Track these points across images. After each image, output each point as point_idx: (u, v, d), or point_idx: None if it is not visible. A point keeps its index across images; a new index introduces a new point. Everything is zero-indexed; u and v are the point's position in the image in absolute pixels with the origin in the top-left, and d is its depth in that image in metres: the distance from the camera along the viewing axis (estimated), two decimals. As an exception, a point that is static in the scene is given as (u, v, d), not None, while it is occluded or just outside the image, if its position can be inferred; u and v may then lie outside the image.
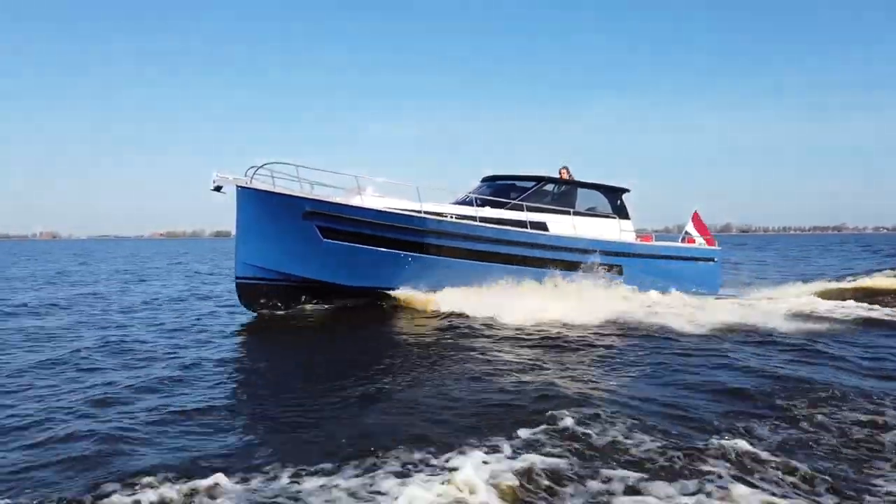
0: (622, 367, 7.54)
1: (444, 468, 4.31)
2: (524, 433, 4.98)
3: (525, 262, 13.06)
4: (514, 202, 13.55)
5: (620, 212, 15.00)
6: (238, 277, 11.69)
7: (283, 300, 12.01)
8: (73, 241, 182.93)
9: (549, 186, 14.27)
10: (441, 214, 12.48)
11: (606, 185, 14.96)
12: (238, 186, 11.14)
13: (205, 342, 9.34)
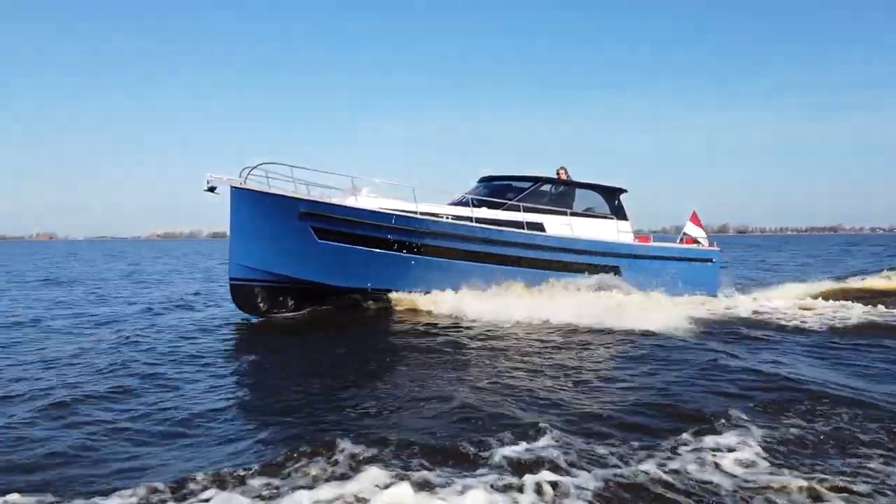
0: (613, 369, 7.45)
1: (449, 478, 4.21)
2: (516, 443, 4.88)
3: (522, 264, 12.96)
4: (511, 203, 13.46)
5: (618, 212, 14.91)
6: (232, 279, 11.56)
7: (278, 301, 11.89)
8: (70, 242, 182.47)
9: (547, 187, 14.17)
10: (437, 215, 12.39)
11: (604, 186, 14.87)
12: (232, 187, 11.02)
13: (198, 343, 9.22)
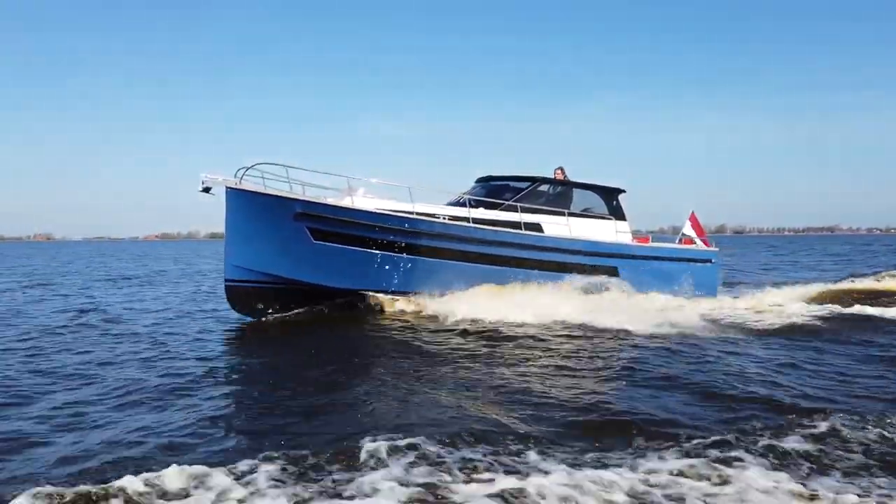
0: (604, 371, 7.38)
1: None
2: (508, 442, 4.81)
3: (518, 264, 12.87)
4: (509, 203, 13.37)
5: (616, 212, 14.84)
6: (227, 280, 11.49)
7: (273, 303, 11.79)
8: (68, 243, 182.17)
9: (544, 187, 14.09)
10: (433, 216, 12.30)
11: (602, 186, 14.79)
12: (227, 188, 10.94)
13: (193, 345, 9.13)
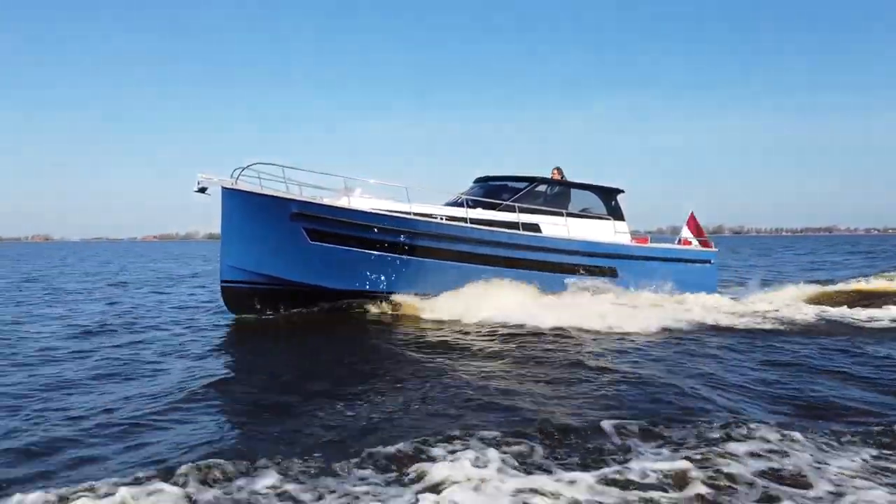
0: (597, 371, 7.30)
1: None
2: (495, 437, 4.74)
3: (516, 265, 12.79)
4: (506, 203, 13.30)
5: (615, 213, 14.77)
6: (223, 281, 11.40)
7: (269, 304, 11.70)
8: (67, 244, 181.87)
9: (542, 187, 14.01)
10: (430, 216, 12.22)
11: (600, 186, 14.73)
12: (223, 188, 10.86)
13: (189, 345, 9.03)
